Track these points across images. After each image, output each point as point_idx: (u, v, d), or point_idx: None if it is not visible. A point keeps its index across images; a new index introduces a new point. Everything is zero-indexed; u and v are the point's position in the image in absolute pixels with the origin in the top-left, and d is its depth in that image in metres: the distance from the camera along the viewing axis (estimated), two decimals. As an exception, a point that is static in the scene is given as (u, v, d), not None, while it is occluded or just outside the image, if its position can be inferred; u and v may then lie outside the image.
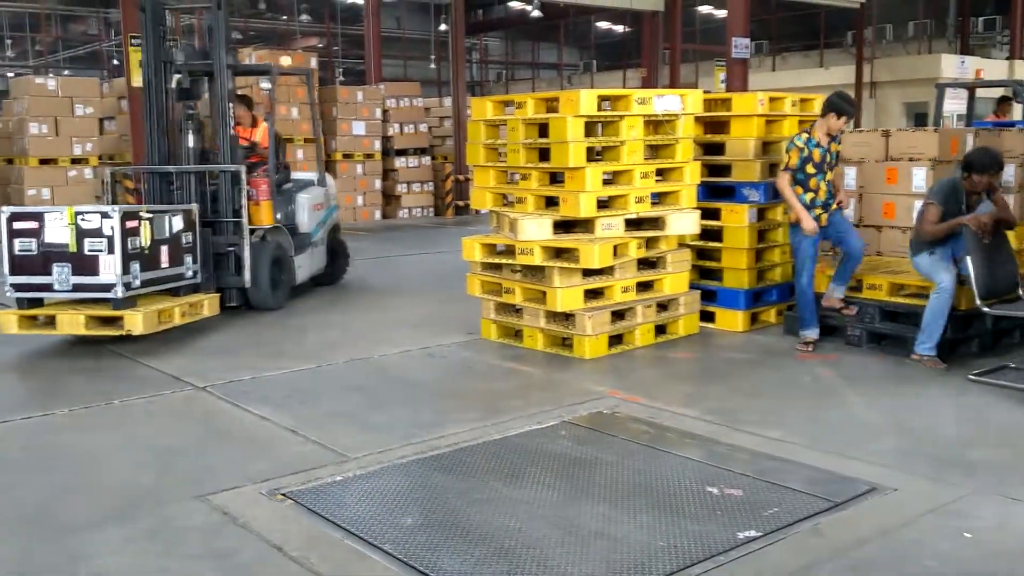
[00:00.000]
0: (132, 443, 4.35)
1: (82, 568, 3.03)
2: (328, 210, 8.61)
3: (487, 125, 6.48)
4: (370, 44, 17.98)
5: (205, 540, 3.25)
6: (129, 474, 3.92)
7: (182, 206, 6.84)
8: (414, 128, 16.69)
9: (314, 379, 5.45)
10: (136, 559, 3.10)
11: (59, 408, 4.86)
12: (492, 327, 6.36)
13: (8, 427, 4.57)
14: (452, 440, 4.27)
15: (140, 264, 6.07)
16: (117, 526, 3.36)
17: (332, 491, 3.69)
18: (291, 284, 7.76)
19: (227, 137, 7.30)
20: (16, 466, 4.04)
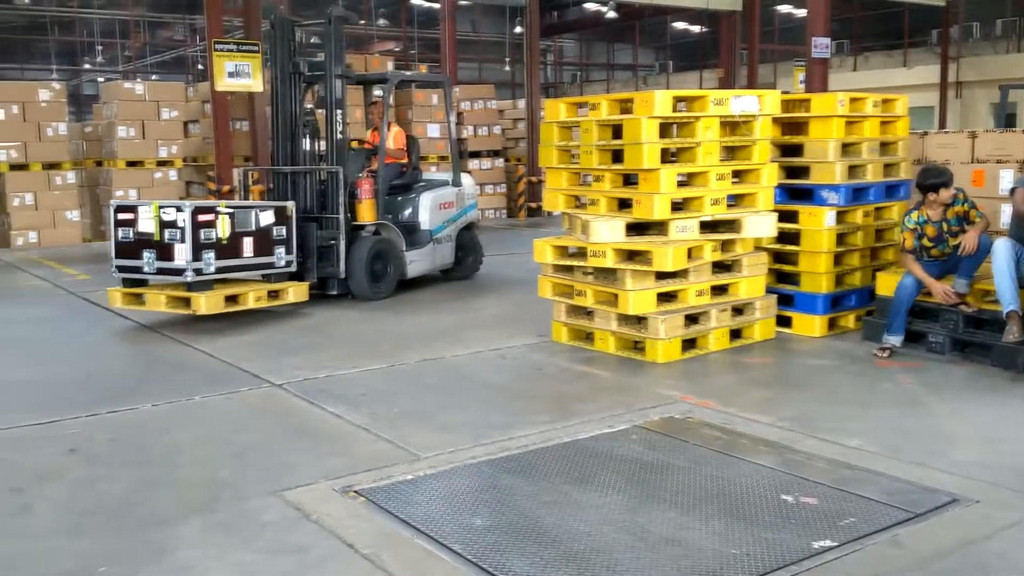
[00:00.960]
0: (212, 438, 4.47)
1: (164, 560, 3.12)
2: (463, 209, 9.14)
3: (560, 127, 6.48)
4: (445, 47, 18.12)
5: (280, 535, 3.32)
6: (209, 469, 4.02)
7: (275, 203, 7.57)
8: (488, 130, 16.79)
9: (387, 378, 5.52)
10: (214, 552, 3.18)
11: (144, 403, 5.01)
12: (563, 329, 6.35)
13: (96, 421, 4.73)
14: (522, 442, 4.28)
15: (215, 253, 6.84)
16: (197, 519, 3.45)
17: (403, 489, 3.74)
18: (399, 277, 8.27)
19: (333, 141, 7.99)
20: (103, 459, 4.18)
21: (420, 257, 8.57)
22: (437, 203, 8.85)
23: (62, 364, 6.08)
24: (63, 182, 13.44)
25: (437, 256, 8.84)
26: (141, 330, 7.05)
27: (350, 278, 7.89)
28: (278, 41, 8.05)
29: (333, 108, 7.98)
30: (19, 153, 13.06)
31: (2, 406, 5.03)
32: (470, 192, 9.37)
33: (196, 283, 6.75)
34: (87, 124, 16.31)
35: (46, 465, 4.07)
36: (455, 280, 9.20)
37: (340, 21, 8.07)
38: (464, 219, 9.21)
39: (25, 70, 32.15)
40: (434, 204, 8.81)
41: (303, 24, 8.36)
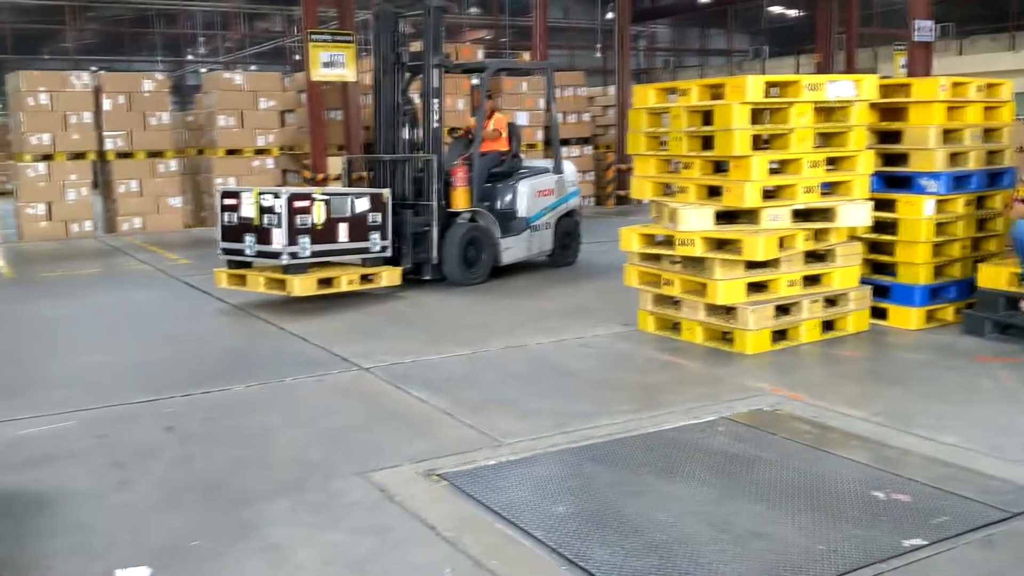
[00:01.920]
0: (301, 420, 4.58)
1: (254, 537, 3.22)
2: (563, 197, 9.20)
3: (649, 113, 6.40)
4: (537, 35, 18.10)
5: (365, 516, 3.38)
6: (298, 449, 4.12)
7: (371, 190, 7.88)
8: (577, 118, 16.70)
9: (471, 364, 5.56)
10: (302, 531, 3.26)
11: (238, 384, 5.16)
12: (649, 319, 6.30)
13: (192, 400, 4.90)
14: (606, 431, 4.26)
15: (311, 237, 7.08)
16: (286, 498, 3.55)
17: (485, 475, 3.76)
18: (493, 264, 8.39)
19: (430, 130, 8.11)
20: (197, 438, 4.33)
21: (515, 244, 8.64)
22: (535, 191, 8.90)
23: (162, 345, 6.32)
24: (166, 170, 13.92)
25: (534, 243, 8.89)
26: (237, 313, 7.26)
27: (443, 264, 8.04)
28: (380, 31, 8.22)
29: (430, 97, 8.10)
30: (125, 141, 13.58)
31: (107, 385, 5.25)
32: (571, 180, 9.40)
33: (292, 266, 7.00)
34: (189, 114, 16.85)
35: (145, 442, 4.24)
36: (555, 267, 9.22)
37: (439, 11, 8.18)
38: (564, 207, 9.23)
39: (132, 62, 33.38)
40: (532, 192, 8.87)
41: (405, 15, 8.43)
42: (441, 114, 8.20)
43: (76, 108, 13.14)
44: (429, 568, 2.97)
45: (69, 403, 4.81)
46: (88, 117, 13.26)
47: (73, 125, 13.12)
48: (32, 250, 12.02)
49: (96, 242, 12.74)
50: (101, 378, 5.42)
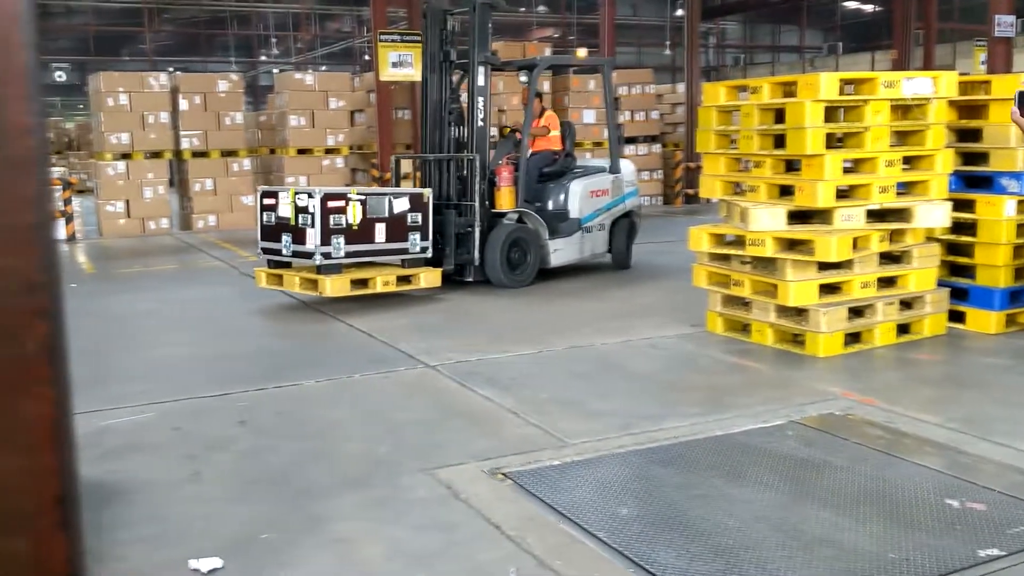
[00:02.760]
0: (369, 415, 4.63)
1: (321, 530, 3.27)
2: (619, 197, 8.97)
3: (719, 111, 6.33)
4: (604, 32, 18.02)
5: (430, 512, 3.41)
6: (365, 444, 4.17)
7: (411, 189, 7.70)
8: (645, 115, 16.59)
9: (536, 364, 5.56)
10: (368, 525, 3.31)
11: (307, 379, 5.25)
12: (718, 320, 6.22)
13: (263, 395, 5.00)
14: (672, 433, 4.22)
15: (345, 238, 7.04)
16: (353, 493, 3.60)
17: (550, 475, 3.76)
18: (540, 266, 8.24)
19: (474, 128, 8.02)
20: (269, 431, 4.41)
21: (565, 246, 8.45)
22: (588, 191, 8.70)
23: (235, 340, 6.46)
24: (239, 168, 14.22)
25: (586, 245, 8.71)
26: (306, 310, 7.38)
27: (486, 265, 7.93)
28: (430, 29, 8.15)
29: (475, 95, 8.01)
30: (200, 141, 13.91)
31: (182, 379, 5.38)
32: (629, 179, 9.17)
33: (326, 266, 6.99)
34: (262, 113, 17.18)
35: (217, 435, 4.34)
36: (612, 269, 9.08)
37: (485, 7, 8.03)
38: (620, 208, 9.02)
39: (207, 63, 34.15)
40: (584, 192, 8.67)
41: (454, 12, 8.33)
42: (487, 113, 8.07)
43: (154, 108, 13.50)
44: (493, 566, 2.98)
45: (147, 396, 4.95)
46: (165, 117, 13.61)
47: (151, 125, 13.48)
48: (111, 246, 12.39)
49: (172, 239, 13.07)
50: (177, 372, 5.56)
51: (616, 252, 9.07)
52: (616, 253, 9.08)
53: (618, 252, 9.09)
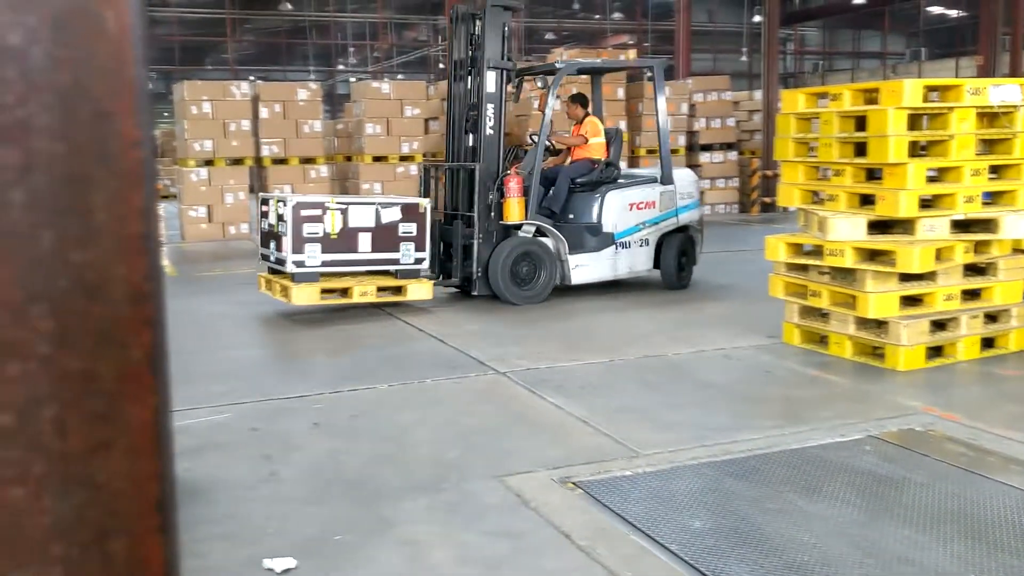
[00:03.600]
0: (440, 420, 4.66)
1: (392, 533, 3.30)
2: (670, 211, 8.27)
3: (798, 118, 6.22)
4: (680, 39, 17.90)
5: (499, 519, 3.41)
6: (436, 449, 4.20)
7: (404, 199, 7.60)
8: (721, 123, 16.40)
9: (607, 373, 5.53)
10: (438, 529, 3.32)
11: (381, 383, 5.31)
12: (795, 331, 6.10)
13: (338, 397, 5.07)
14: (746, 446, 4.16)
15: (321, 246, 7.00)
16: (423, 497, 3.62)
17: (621, 485, 3.73)
18: (557, 283, 7.78)
19: (483, 136, 7.67)
20: (343, 433, 4.47)
21: (591, 262, 7.88)
22: (626, 203, 8.05)
23: (310, 343, 6.57)
24: (317, 175, 14.48)
25: (621, 262, 8.05)
26: (379, 314, 7.46)
27: (490, 279, 7.56)
28: (455, 34, 7.83)
29: (484, 102, 7.62)
30: (280, 148, 14.20)
31: (260, 380, 5.49)
32: (685, 191, 8.40)
33: (301, 275, 6.93)
34: (339, 121, 17.47)
35: (293, 436, 4.41)
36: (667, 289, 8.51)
37: (497, 9, 7.59)
38: (670, 222, 8.27)
39: (287, 72, 34.91)
40: (621, 204, 8.03)
41: (482, 16, 7.81)
42: (497, 121, 7.67)
43: (235, 116, 13.83)
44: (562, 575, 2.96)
45: (225, 396, 5.07)
46: (246, 125, 13.93)
47: (232, 132, 13.82)
48: (193, 250, 12.73)
49: (252, 243, 13.36)
50: (254, 373, 5.68)
51: (666, 271, 8.30)
52: (666, 272, 8.30)
53: (668, 271, 8.30)
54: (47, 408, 0.39)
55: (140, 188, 0.39)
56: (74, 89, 0.38)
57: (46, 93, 0.37)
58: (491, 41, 7.60)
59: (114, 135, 0.39)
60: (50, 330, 0.39)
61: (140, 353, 0.40)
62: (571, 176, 8.15)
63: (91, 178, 0.38)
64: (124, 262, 0.39)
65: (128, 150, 0.39)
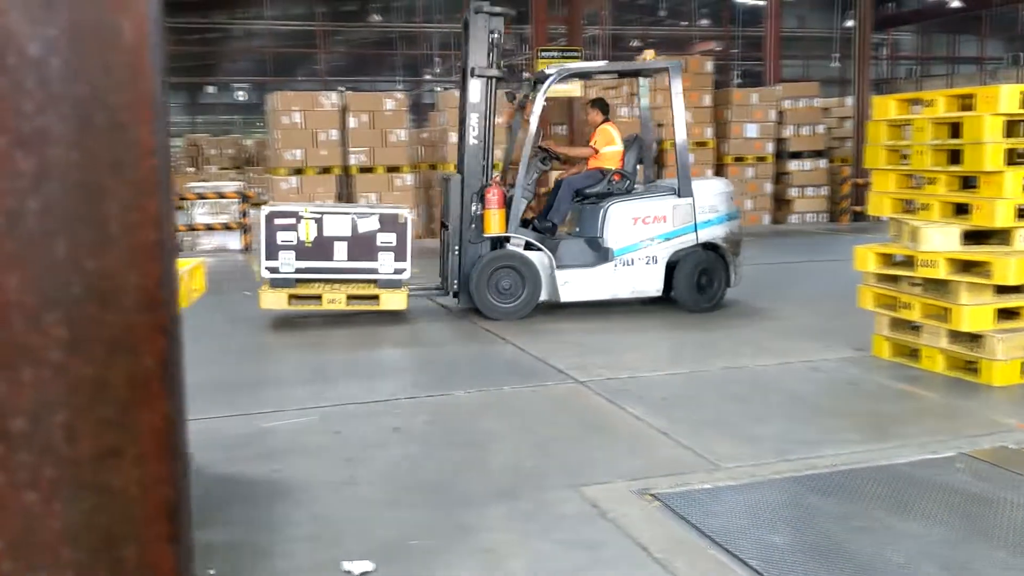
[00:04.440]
0: (518, 428, 4.67)
1: (469, 539, 3.31)
2: (685, 226, 7.57)
3: (889, 125, 6.05)
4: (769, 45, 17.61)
5: (576, 529, 3.39)
6: (513, 457, 4.21)
7: (382, 209, 7.54)
8: (811, 130, 16.06)
9: (689, 384, 5.46)
10: (515, 538, 3.33)
11: (459, 390, 5.35)
12: (884, 344, 5.93)
13: (418, 402, 5.12)
14: (831, 461, 4.05)
15: (296, 254, 7.16)
16: (501, 504, 3.63)
17: (701, 498, 3.68)
18: (545, 299, 7.50)
19: (466, 146, 7.53)
20: (422, 439, 4.52)
21: (583, 278, 7.46)
22: (630, 216, 7.51)
23: (391, 350, 6.66)
24: (402, 184, 14.67)
25: (620, 280, 7.50)
26: (459, 321, 7.52)
27: (470, 291, 7.40)
28: (464, 41, 7.58)
29: (467, 111, 7.45)
30: (367, 157, 14.45)
31: (342, 384, 5.59)
32: (707, 204, 7.63)
33: (278, 280, 7.16)
34: (424, 130, 17.69)
35: (374, 440, 4.48)
36: (775, 291, 8.51)
37: (483, 16, 7.33)
38: (686, 238, 7.57)
39: (375, 82, 35.51)
40: (624, 217, 7.51)
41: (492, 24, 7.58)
42: (481, 130, 7.45)
43: (325, 126, 14.12)
44: (639, 588, 2.94)
45: (311, 399, 5.17)
46: (335, 134, 14.21)
47: (322, 142, 14.11)
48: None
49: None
50: (337, 377, 5.78)
51: (680, 292, 7.59)
52: (680, 293, 7.60)
53: (682, 291, 7.58)
54: (59, 414, 0.40)
55: (155, 196, 0.40)
56: (91, 99, 0.39)
57: (63, 103, 0.39)
58: (475, 49, 7.40)
59: (129, 144, 0.40)
60: (63, 336, 0.40)
61: (152, 360, 0.41)
62: (575, 187, 7.87)
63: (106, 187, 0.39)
64: (138, 270, 0.40)
65: (143, 159, 0.40)
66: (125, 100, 0.40)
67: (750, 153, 15.62)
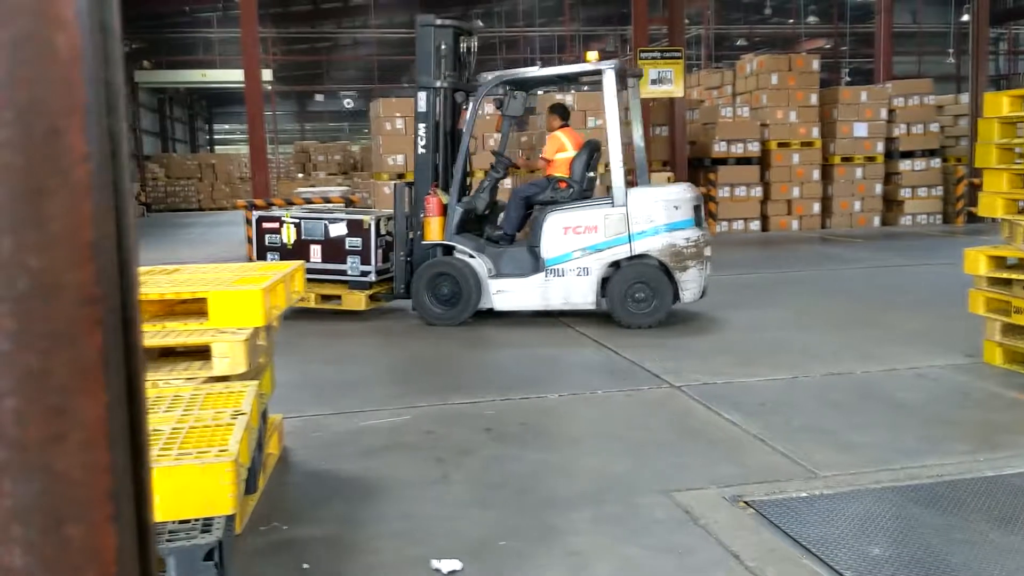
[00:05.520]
0: (609, 432, 4.64)
1: (556, 542, 3.32)
2: (618, 237, 7.17)
3: (1002, 123, 5.78)
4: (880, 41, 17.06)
5: (666, 534, 3.36)
6: (604, 460, 4.19)
7: (352, 214, 8.23)
8: (923, 128, 15.49)
9: (789, 390, 5.34)
10: (602, 542, 3.31)
11: (552, 392, 5.36)
12: (996, 350, 5.67)
13: (510, 404, 5.15)
14: (935, 471, 3.90)
15: (280, 255, 7.79)
16: (589, 508, 3.62)
17: (796, 506, 3.59)
18: (482, 306, 7.45)
19: (416, 155, 7.80)
20: (513, 440, 4.54)
21: (516, 288, 7.32)
22: (562, 226, 7.26)
23: (483, 352, 6.71)
24: (502, 187, 14.76)
25: (553, 291, 7.29)
26: (556, 324, 7.52)
27: (412, 296, 7.55)
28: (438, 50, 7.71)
29: (416, 121, 7.73)
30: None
31: (436, 385, 5.67)
32: (642, 214, 7.14)
33: None
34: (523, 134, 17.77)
35: (465, 440, 4.52)
36: (878, 294, 8.33)
37: (428, 30, 7.63)
38: (618, 249, 7.16)
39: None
40: (557, 227, 7.27)
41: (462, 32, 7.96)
42: (429, 139, 7.65)
43: (426, 130, 14.31)
44: (727, 596, 2.89)
45: (405, 399, 5.26)
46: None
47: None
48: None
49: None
50: (431, 378, 5.86)
51: (612, 305, 7.19)
52: (613, 306, 7.19)
53: (614, 305, 7.18)
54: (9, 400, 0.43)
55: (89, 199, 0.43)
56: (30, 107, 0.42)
57: (7, 110, 0.42)
58: (420, 61, 7.69)
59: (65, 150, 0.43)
60: (11, 328, 0.43)
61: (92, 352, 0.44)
62: (521, 195, 7.81)
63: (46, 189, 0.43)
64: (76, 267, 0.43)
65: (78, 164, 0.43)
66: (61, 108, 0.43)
67: (859, 153, 15.17)
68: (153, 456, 2.60)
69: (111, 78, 0.43)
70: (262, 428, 3.71)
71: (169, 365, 3.69)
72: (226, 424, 2.91)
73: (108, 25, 0.44)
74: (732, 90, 16.77)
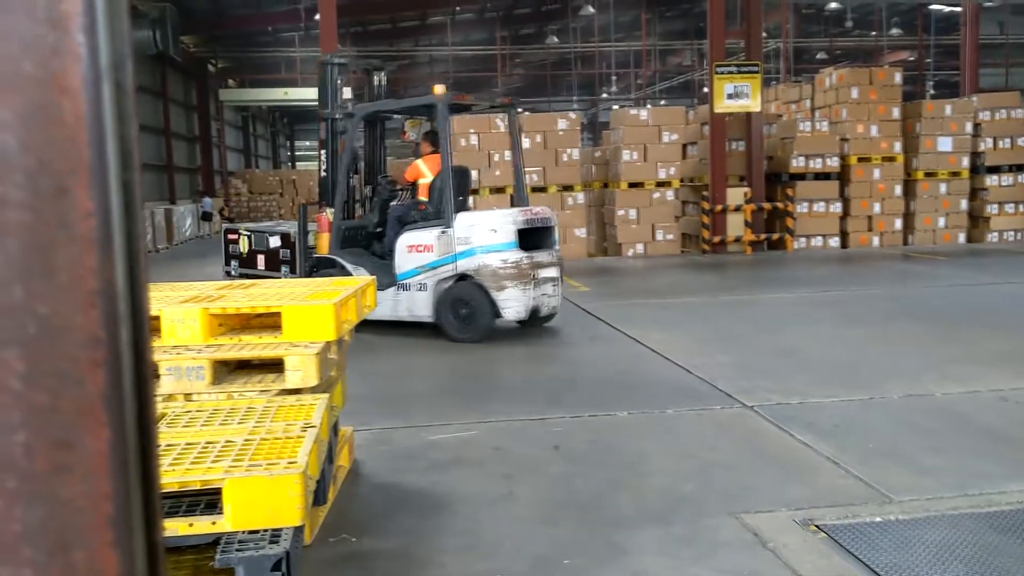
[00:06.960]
0: (678, 451, 4.60)
1: (621, 562, 3.29)
2: (447, 256, 7.66)
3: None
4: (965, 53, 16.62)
5: (733, 557, 3.31)
6: (671, 480, 4.15)
7: (283, 228, 9.96)
8: (1010, 142, 15.01)
9: (865, 411, 5.21)
10: (668, 562, 3.28)
11: (621, 410, 5.33)
12: (1087, 373, 5.46)
13: (578, 422, 5.15)
14: (1016, 497, 3.76)
15: (238, 262, 9.79)
16: (656, 527, 3.59)
17: (869, 531, 3.50)
18: None
19: (319, 177, 9.08)
20: (580, 458, 4.53)
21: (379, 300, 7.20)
22: (407, 244, 7.89)
23: (550, 367, 6.71)
24: (573, 202, 14.81)
25: (401, 304, 7.90)
26: (625, 340, 7.49)
27: None
28: None
29: (319, 147, 9.09)
30: (539, 177, 14.67)
31: (504, 402, 5.69)
32: (464, 236, 7.62)
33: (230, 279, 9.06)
34: (597, 149, 17.79)
35: (533, 457, 4.53)
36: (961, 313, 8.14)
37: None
38: (446, 268, 7.66)
39: (552, 102, 36.01)
40: (404, 245, 7.91)
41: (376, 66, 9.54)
42: (330, 164, 8.85)
43: (499, 147, 14.46)
44: (795, 621, 2.83)
45: (474, 414, 5.30)
46: (509, 155, 14.51)
47: (496, 162, 14.45)
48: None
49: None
50: (503, 393, 5.89)
51: (440, 320, 7.70)
52: (442, 321, 7.70)
53: (442, 320, 7.70)
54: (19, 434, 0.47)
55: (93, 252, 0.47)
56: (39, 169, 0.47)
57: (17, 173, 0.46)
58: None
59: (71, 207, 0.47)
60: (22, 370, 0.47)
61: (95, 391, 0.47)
62: (395, 215, 8.47)
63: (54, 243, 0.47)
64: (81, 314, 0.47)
65: (83, 219, 0.47)
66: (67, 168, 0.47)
67: (943, 168, 14.78)
68: (225, 467, 2.67)
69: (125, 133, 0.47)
70: (332, 440, 3.78)
71: (244, 377, 3.79)
72: (296, 436, 2.98)
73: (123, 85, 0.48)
74: (811, 104, 16.52)
